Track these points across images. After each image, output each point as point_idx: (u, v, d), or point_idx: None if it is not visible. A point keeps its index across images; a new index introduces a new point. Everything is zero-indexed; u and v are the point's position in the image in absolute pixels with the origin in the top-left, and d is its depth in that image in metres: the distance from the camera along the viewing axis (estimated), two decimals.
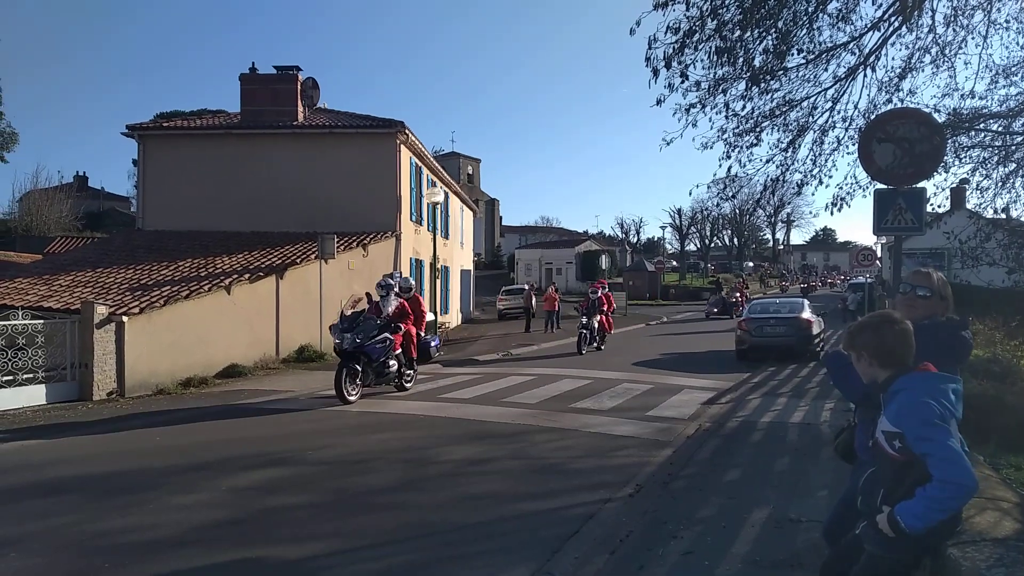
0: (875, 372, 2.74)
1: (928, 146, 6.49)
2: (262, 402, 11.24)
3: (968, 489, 2.42)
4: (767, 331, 17.05)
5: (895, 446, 2.57)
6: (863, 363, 2.76)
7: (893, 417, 2.58)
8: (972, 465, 2.43)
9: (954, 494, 2.41)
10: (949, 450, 2.42)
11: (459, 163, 64.90)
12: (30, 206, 41.03)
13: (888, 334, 2.69)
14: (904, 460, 2.54)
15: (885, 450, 2.62)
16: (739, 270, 70.87)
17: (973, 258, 9.98)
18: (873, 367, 2.73)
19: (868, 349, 2.72)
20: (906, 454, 2.53)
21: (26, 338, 11.19)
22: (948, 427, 2.50)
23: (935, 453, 2.42)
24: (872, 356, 2.72)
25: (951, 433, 2.49)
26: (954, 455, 2.41)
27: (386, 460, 7.38)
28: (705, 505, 5.73)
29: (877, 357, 2.71)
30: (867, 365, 2.75)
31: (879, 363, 2.71)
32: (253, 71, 21.81)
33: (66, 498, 6.06)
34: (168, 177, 20.87)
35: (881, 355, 2.70)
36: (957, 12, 8.63)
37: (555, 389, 12.09)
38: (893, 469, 2.59)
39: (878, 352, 2.70)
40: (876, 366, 2.72)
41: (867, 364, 2.75)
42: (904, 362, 2.70)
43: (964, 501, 2.47)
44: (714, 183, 10.06)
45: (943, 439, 2.44)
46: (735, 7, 7.77)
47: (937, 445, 2.43)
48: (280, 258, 17.04)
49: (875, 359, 2.71)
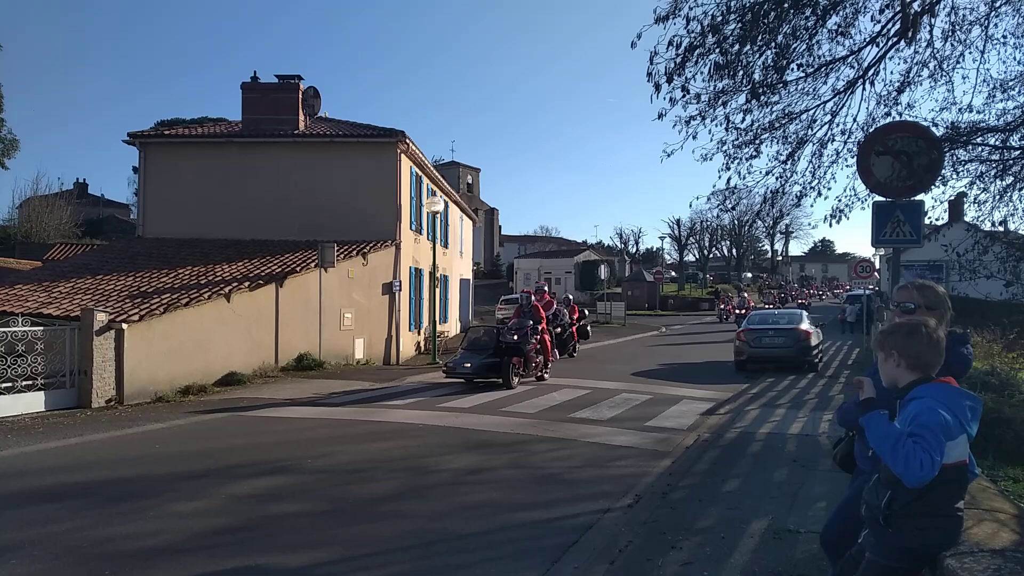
0: (900, 375, 2.74)
1: (926, 159, 6.54)
2: (260, 409, 11.24)
3: (913, 477, 2.45)
4: (765, 342, 17.09)
5: None
6: (890, 364, 2.77)
7: (903, 421, 2.60)
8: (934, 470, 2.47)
9: (904, 467, 2.45)
10: (933, 446, 2.44)
11: (459, 172, 65.04)
12: (30, 213, 41.06)
13: (923, 339, 2.71)
14: None
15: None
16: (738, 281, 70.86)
17: (971, 270, 10.03)
18: (900, 369, 2.74)
19: (899, 350, 2.74)
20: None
21: (25, 345, 11.19)
22: (945, 440, 2.52)
23: (921, 441, 2.45)
24: (902, 357, 2.73)
25: (942, 444, 2.50)
26: (934, 449, 2.44)
27: (386, 469, 7.39)
28: (704, 515, 5.75)
29: (906, 359, 2.72)
30: (894, 366, 2.76)
31: (907, 365, 2.72)
32: (255, 80, 21.87)
33: (66, 505, 6.06)
34: (169, 184, 20.90)
35: (911, 358, 2.71)
36: (955, 27, 8.73)
37: (554, 399, 12.10)
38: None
39: (909, 355, 2.72)
40: (904, 368, 2.73)
41: (894, 365, 2.75)
42: (931, 370, 2.72)
43: (903, 473, 2.49)
44: (714, 194, 10.12)
45: (936, 436, 2.47)
46: (735, 22, 7.86)
47: (926, 438, 2.46)
48: (280, 266, 17.06)
49: (904, 360, 2.73)
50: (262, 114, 21.24)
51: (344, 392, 13.14)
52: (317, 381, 14.74)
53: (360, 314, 18.40)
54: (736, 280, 72.34)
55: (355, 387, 13.84)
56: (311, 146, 21.01)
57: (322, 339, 17.14)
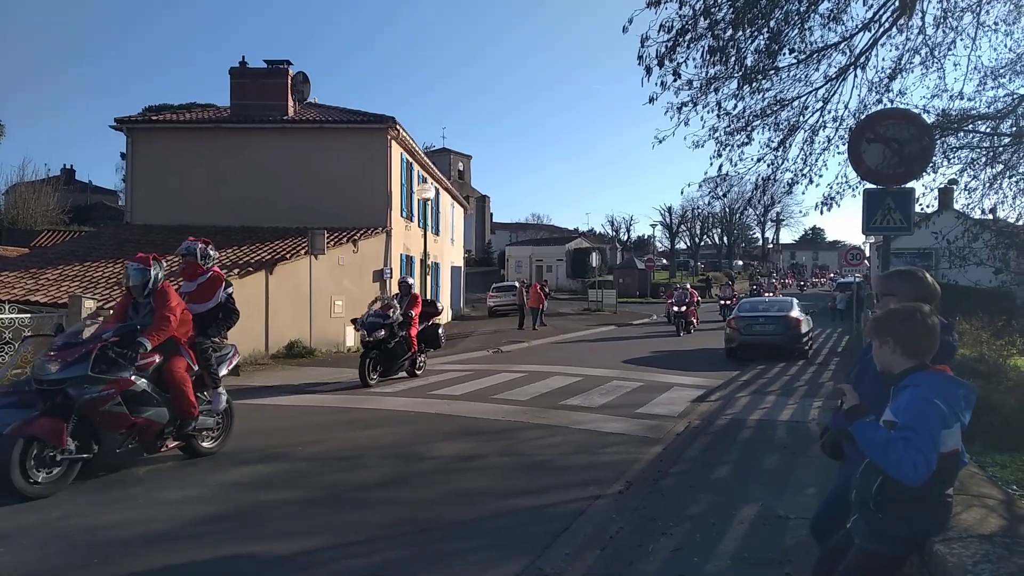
0: (895, 361, 2.74)
1: (917, 147, 6.55)
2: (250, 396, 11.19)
3: (908, 479, 2.47)
4: (756, 329, 17.15)
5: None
6: (886, 350, 2.77)
7: (897, 409, 2.61)
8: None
9: (898, 470, 2.47)
10: (926, 444, 2.46)
11: (450, 159, 64.74)
12: (16, 199, 40.62)
13: (919, 325, 2.71)
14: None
15: None
16: (729, 268, 71.02)
17: (961, 258, 10.05)
18: (896, 355, 2.74)
19: (895, 336, 2.73)
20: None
21: (12, 332, 11.10)
22: (940, 430, 2.53)
23: (913, 439, 2.46)
24: (897, 343, 2.73)
25: (937, 435, 2.52)
26: (927, 448, 2.45)
27: (376, 456, 7.38)
28: (694, 502, 5.77)
29: (902, 345, 2.72)
30: (890, 352, 2.75)
31: (903, 351, 2.72)
32: (243, 65, 21.66)
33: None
34: (157, 171, 20.72)
35: (906, 344, 2.71)
36: (947, 14, 8.72)
37: (545, 386, 12.11)
38: None
39: (904, 341, 2.71)
40: (899, 354, 2.73)
41: (890, 351, 2.75)
42: (925, 356, 2.72)
43: (897, 476, 2.51)
44: (705, 182, 10.13)
45: (929, 433, 2.48)
46: (727, 6, 7.82)
47: (919, 434, 2.47)
48: (270, 253, 16.97)
49: (899, 347, 2.72)
50: (251, 100, 21.05)
51: (335, 379, 13.11)
52: (308, 368, 14.70)
53: (351, 301, 18.34)
54: (727, 268, 72.54)
55: (346, 374, 13.80)
56: (300, 132, 20.86)
57: (312, 326, 17.09)
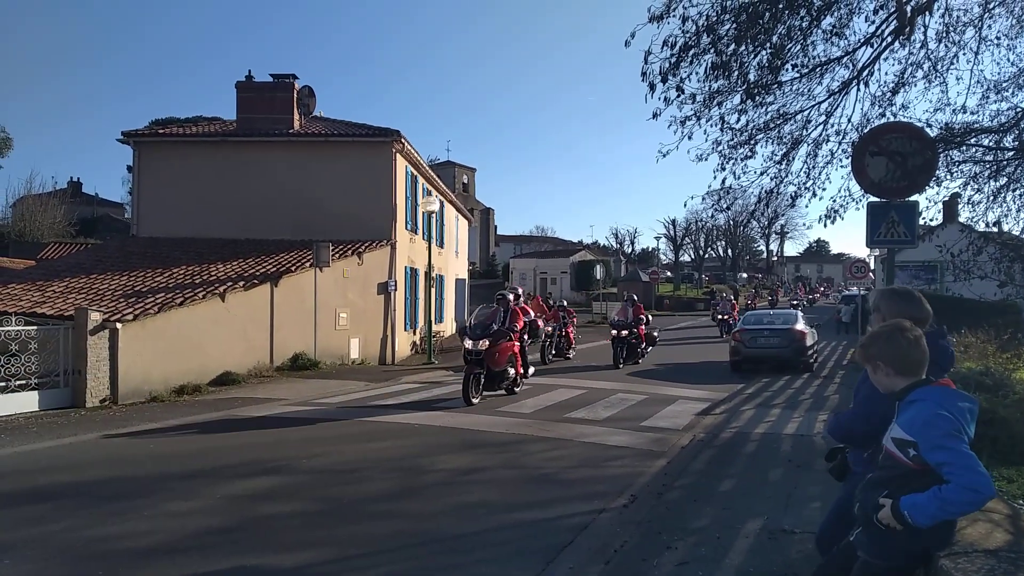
0: (893, 381, 2.73)
1: (921, 160, 6.57)
2: (255, 408, 11.21)
3: (984, 496, 2.43)
4: (761, 342, 17.10)
5: (909, 454, 2.58)
6: (880, 374, 2.76)
7: (907, 425, 2.60)
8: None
9: (971, 499, 2.43)
10: (968, 457, 2.44)
11: (454, 172, 64.94)
12: (24, 211, 40.84)
13: (901, 341, 2.70)
14: (918, 468, 2.55)
15: (897, 457, 2.63)
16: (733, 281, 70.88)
17: (965, 271, 10.04)
18: (890, 376, 2.73)
19: (883, 358, 2.72)
20: (920, 463, 2.54)
21: (19, 344, 11.14)
22: (963, 438, 2.53)
23: (954, 461, 2.44)
24: (888, 365, 2.72)
25: (966, 443, 2.51)
26: (973, 462, 2.43)
27: (380, 469, 7.38)
28: (699, 516, 5.75)
29: (893, 365, 2.71)
30: (884, 375, 2.74)
31: (895, 371, 2.71)
32: (249, 79, 21.81)
33: (59, 505, 6.03)
34: (163, 184, 20.83)
35: (896, 363, 2.71)
36: (949, 28, 8.77)
37: (549, 399, 12.10)
38: (902, 474, 2.61)
39: (893, 360, 2.71)
40: (893, 375, 2.72)
41: (884, 374, 2.74)
42: (920, 369, 2.71)
43: (978, 507, 2.47)
44: (709, 195, 10.10)
45: (959, 447, 2.47)
46: (730, 22, 7.86)
47: (955, 453, 2.45)
48: (275, 266, 17.02)
49: (891, 367, 2.71)
50: (257, 113, 21.17)
51: (339, 392, 13.11)
52: (312, 381, 14.71)
53: (355, 314, 18.37)
54: (731, 280, 72.40)
55: (350, 387, 13.82)
56: (306, 145, 20.96)
57: (317, 339, 17.10)
